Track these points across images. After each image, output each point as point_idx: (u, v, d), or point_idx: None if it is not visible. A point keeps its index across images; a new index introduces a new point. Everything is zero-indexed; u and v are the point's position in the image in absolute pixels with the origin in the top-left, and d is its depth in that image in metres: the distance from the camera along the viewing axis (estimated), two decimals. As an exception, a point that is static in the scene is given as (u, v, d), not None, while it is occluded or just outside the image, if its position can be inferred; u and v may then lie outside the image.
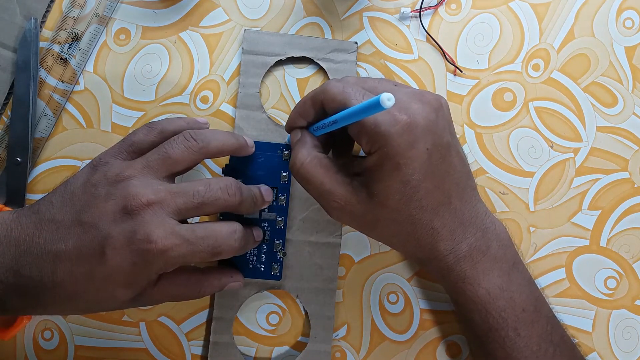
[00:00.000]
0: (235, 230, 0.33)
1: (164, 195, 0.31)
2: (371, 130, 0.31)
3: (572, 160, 0.41)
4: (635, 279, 0.41)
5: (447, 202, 0.33)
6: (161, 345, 0.39)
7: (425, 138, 0.31)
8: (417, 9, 0.41)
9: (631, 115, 0.42)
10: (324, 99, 0.33)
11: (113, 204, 0.31)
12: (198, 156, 0.34)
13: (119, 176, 0.32)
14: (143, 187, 0.31)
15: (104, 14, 0.41)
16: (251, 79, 0.41)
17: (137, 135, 0.34)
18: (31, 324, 0.39)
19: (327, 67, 0.41)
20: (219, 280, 0.36)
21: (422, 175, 0.31)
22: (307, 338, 0.40)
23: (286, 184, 0.38)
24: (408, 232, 0.33)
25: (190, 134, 0.34)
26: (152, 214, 0.31)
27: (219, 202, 0.33)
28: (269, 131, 0.40)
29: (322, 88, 0.33)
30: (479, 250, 0.34)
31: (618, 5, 0.42)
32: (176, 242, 0.31)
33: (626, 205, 0.41)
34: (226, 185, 0.33)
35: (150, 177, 0.32)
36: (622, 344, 0.40)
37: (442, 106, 0.33)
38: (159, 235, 0.30)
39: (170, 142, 0.33)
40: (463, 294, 0.34)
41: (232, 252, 0.33)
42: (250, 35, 0.41)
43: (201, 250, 0.32)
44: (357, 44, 0.41)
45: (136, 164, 0.33)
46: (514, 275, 0.35)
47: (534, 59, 0.42)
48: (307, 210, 0.40)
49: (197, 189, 0.32)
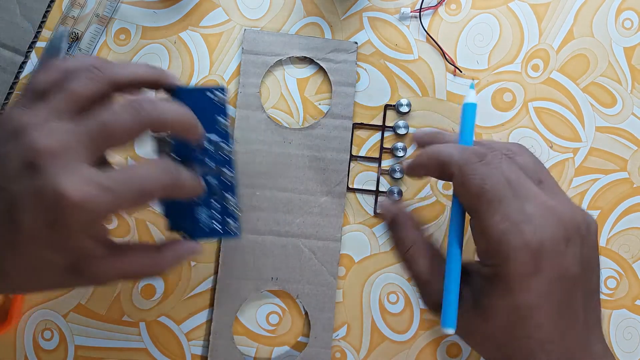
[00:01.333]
0: (158, 163, 0.29)
1: (67, 139, 0.27)
2: (495, 240, 0.28)
3: (571, 160, 0.42)
4: (635, 278, 0.41)
5: (558, 341, 0.29)
6: (161, 345, 0.39)
7: (550, 268, 0.28)
8: (417, 9, 0.42)
9: (630, 116, 0.42)
10: (458, 178, 0.30)
11: (16, 159, 0.27)
12: (105, 86, 0.29)
13: (18, 127, 0.28)
14: (44, 136, 0.27)
15: (104, 14, 0.41)
16: (251, 79, 0.41)
17: (36, 77, 0.30)
18: (31, 324, 0.39)
19: (327, 67, 0.41)
20: (175, 252, 0.32)
21: (536, 307, 0.29)
22: (307, 338, 0.40)
23: (226, 132, 0.34)
24: (504, 353, 0.30)
25: (94, 65, 0.29)
26: (60, 163, 0.27)
27: (126, 122, 0.28)
28: (269, 131, 0.40)
29: (462, 164, 0.30)
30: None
31: (617, 5, 0.42)
32: (92, 192, 0.27)
33: (625, 205, 0.41)
34: (132, 103, 0.29)
35: (53, 121, 0.28)
36: (622, 344, 0.40)
37: (577, 235, 0.29)
38: (71, 186, 0.26)
39: (71, 78, 0.29)
40: None
41: (162, 188, 0.29)
42: (250, 35, 0.41)
43: (125, 194, 0.28)
44: (357, 44, 0.41)
45: (36, 109, 0.28)
46: None
47: (533, 59, 0.42)
48: (306, 210, 0.40)
49: (102, 116, 0.28)
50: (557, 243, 0.28)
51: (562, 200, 0.30)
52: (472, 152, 0.30)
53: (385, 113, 0.41)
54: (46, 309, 0.39)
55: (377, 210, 0.39)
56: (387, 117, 0.41)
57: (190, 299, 0.40)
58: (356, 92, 0.41)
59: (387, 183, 0.41)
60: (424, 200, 0.41)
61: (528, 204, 0.29)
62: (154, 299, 0.40)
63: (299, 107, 0.41)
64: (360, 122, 0.41)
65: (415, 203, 0.41)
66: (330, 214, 0.40)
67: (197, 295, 0.40)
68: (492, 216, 0.29)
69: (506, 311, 0.29)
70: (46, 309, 0.39)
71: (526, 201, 0.29)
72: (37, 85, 0.29)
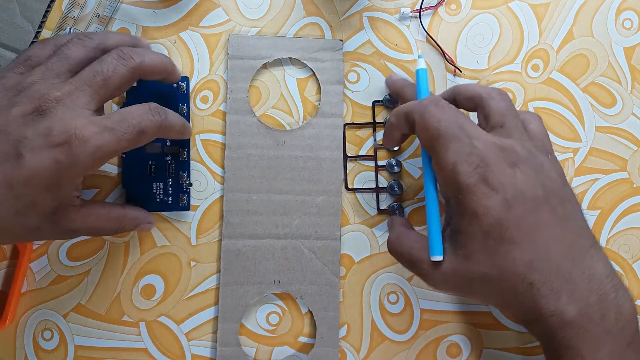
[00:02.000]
0: (150, 106, 0.33)
1: (69, 88, 0.31)
2: (448, 173, 0.32)
3: (571, 160, 0.42)
4: (635, 278, 0.41)
5: (544, 258, 0.30)
6: (161, 345, 0.39)
7: (504, 190, 0.31)
8: (417, 9, 0.42)
9: (630, 116, 0.42)
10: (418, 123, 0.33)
11: (19, 108, 0.30)
12: (95, 52, 0.33)
13: (19, 85, 0.31)
14: (48, 87, 0.30)
15: (104, 14, 0.41)
16: (239, 83, 0.41)
17: (32, 49, 0.34)
18: (31, 324, 0.39)
19: (314, 66, 0.41)
20: (137, 219, 0.37)
21: (505, 227, 0.30)
22: (307, 338, 0.40)
23: (185, 116, 0.40)
24: (505, 288, 0.31)
25: (85, 35, 0.34)
26: (65, 108, 0.30)
27: (120, 70, 0.32)
28: (260, 135, 0.40)
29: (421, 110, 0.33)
30: (590, 319, 0.29)
31: (617, 5, 0.42)
32: (96, 131, 0.30)
33: (625, 205, 0.41)
34: (118, 54, 0.33)
35: (53, 78, 0.31)
36: (621, 344, 0.40)
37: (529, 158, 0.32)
38: (77, 126, 0.29)
39: (67, 45, 0.33)
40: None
41: (156, 126, 0.33)
42: (235, 40, 0.41)
43: (124, 131, 0.31)
44: (342, 42, 0.41)
45: (36, 71, 0.32)
46: (629, 356, 0.30)
47: (533, 59, 0.42)
48: (304, 211, 0.40)
49: (95, 68, 0.32)
50: (502, 165, 0.31)
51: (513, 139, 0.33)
52: (428, 100, 0.34)
53: (374, 109, 0.41)
54: (46, 309, 0.39)
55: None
56: (376, 113, 0.41)
57: (190, 299, 0.40)
58: (356, 92, 0.41)
59: (385, 180, 0.41)
60: (423, 200, 0.41)
61: (475, 140, 0.32)
62: (154, 299, 0.40)
63: (299, 107, 0.41)
64: (351, 122, 0.41)
65: (416, 203, 0.41)
66: (328, 213, 0.40)
67: (197, 295, 0.40)
68: (446, 152, 0.32)
69: (480, 238, 0.31)
70: (46, 309, 0.39)
71: (474, 139, 0.32)
72: (33, 56, 0.33)
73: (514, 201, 0.31)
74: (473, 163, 0.31)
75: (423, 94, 0.36)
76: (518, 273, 0.30)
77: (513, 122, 0.34)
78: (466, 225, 0.31)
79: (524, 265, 0.30)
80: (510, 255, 0.30)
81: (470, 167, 0.31)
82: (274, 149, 0.40)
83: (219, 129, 0.41)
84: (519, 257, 0.30)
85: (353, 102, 0.41)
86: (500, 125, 0.34)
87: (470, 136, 0.32)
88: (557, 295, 0.30)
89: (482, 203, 0.30)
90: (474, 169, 0.31)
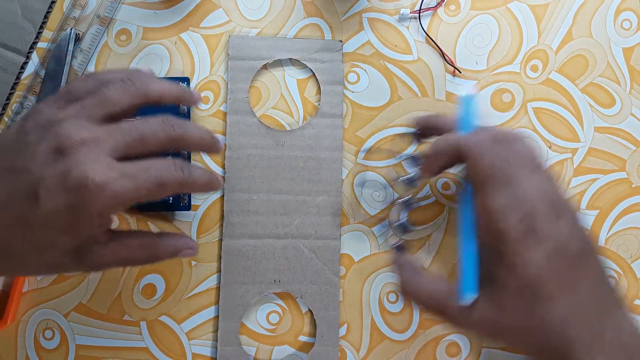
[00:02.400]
0: (175, 162, 0.31)
1: (99, 133, 0.29)
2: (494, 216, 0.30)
3: (570, 160, 0.42)
4: (633, 278, 0.41)
5: (579, 313, 0.30)
6: (162, 344, 0.40)
7: (547, 243, 0.30)
8: (417, 10, 0.42)
9: (629, 116, 0.42)
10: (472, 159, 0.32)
11: (45, 145, 0.29)
12: (137, 99, 0.32)
13: (50, 120, 0.30)
14: (76, 127, 0.29)
15: (105, 15, 0.41)
16: (239, 84, 0.41)
17: (73, 84, 0.33)
18: (32, 323, 0.39)
19: (314, 67, 0.41)
20: (174, 246, 0.34)
21: (543, 282, 0.29)
22: (307, 337, 0.40)
23: (185, 116, 0.40)
24: (538, 342, 0.30)
25: (129, 77, 0.32)
26: (87, 152, 0.29)
27: (159, 135, 0.31)
28: (260, 135, 0.40)
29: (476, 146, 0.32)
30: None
31: (616, 6, 0.42)
32: (114, 176, 0.28)
33: (624, 205, 0.42)
34: (164, 120, 0.31)
35: (85, 119, 0.30)
36: (620, 343, 0.41)
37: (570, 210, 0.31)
38: (95, 171, 0.28)
39: (107, 85, 0.32)
40: None
41: (177, 182, 0.31)
42: (235, 41, 0.41)
43: (144, 181, 0.29)
44: (341, 43, 0.41)
45: (70, 108, 0.31)
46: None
47: (532, 60, 0.42)
48: (304, 211, 0.40)
49: (134, 123, 0.31)
50: (549, 216, 0.30)
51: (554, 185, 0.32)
52: (486, 133, 0.33)
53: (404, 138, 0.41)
54: (47, 308, 0.39)
55: None
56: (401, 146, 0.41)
57: (191, 298, 0.40)
58: (355, 92, 0.42)
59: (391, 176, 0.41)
60: (423, 200, 0.41)
61: (526, 185, 0.31)
62: (155, 298, 0.40)
63: (299, 108, 0.41)
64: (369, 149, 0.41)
65: (415, 203, 0.41)
66: (328, 213, 0.40)
67: (198, 294, 0.40)
68: (494, 196, 0.30)
69: (516, 290, 0.30)
70: (47, 308, 0.39)
71: (527, 182, 0.31)
72: (72, 90, 0.32)
73: (555, 255, 0.30)
74: (521, 212, 0.30)
75: (470, 124, 0.35)
76: (553, 329, 0.30)
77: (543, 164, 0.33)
78: (503, 275, 0.30)
79: (561, 321, 0.30)
80: (546, 311, 0.30)
81: (517, 216, 0.30)
82: (274, 149, 0.40)
83: (219, 130, 0.41)
84: (555, 313, 0.30)
85: (353, 103, 0.42)
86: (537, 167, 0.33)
87: (523, 179, 0.31)
88: (589, 349, 0.29)
89: (524, 256, 0.29)
90: (521, 219, 0.30)
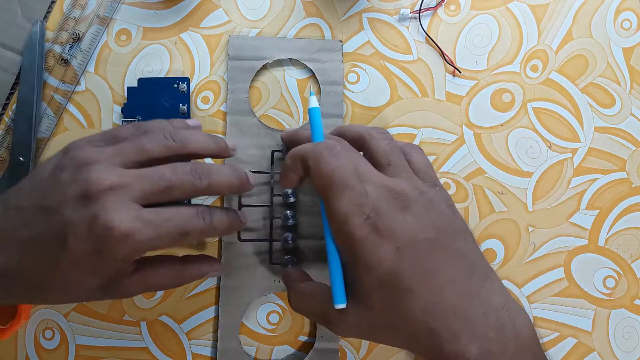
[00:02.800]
0: (198, 210, 0.32)
1: (127, 179, 0.30)
2: (340, 222, 0.31)
3: (570, 160, 0.42)
4: (634, 278, 0.41)
5: (441, 301, 0.30)
6: (162, 344, 0.40)
7: (396, 238, 0.30)
8: (417, 10, 0.42)
9: (629, 116, 0.42)
10: (313, 169, 0.33)
11: (75, 188, 0.30)
12: (173, 152, 0.33)
13: (85, 160, 0.31)
14: (106, 172, 0.30)
15: (105, 15, 0.41)
16: (239, 84, 0.41)
17: (121, 130, 0.33)
18: (32, 323, 0.39)
19: (314, 67, 0.41)
20: (199, 270, 0.35)
21: (399, 276, 0.30)
22: (306, 337, 0.40)
23: (185, 116, 0.40)
24: (408, 335, 0.31)
25: (170, 133, 0.33)
26: (115, 199, 0.29)
27: (186, 186, 0.32)
28: (260, 135, 0.40)
29: (315, 157, 0.33)
30: (492, 355, 0.30)
31: (616, 6, 0.42)
32: (139, 225, 0.29)
33: (624, 205, 0.42)
34: (192, 169, 0.32)
35: (118, 164, 0.31)
36: (622, 344, 0.41)
37: (419, 197, 0.32)
38: (121, 220, 0.29)
39: (148, 135, 0.33)
40: None
41: (199, 231, 0.32)
42: (235, 41, 0.41)
43: (167, 231, 0.30)
44: (342, 43, 0.41)
45: (107, 150, 0.32)
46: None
47: (532, 60, 0.42)
48: (304, 211, 0.40)
49: (163, 172, 0.31)
50: (393, 212, 0.31)
51: (402, 179, 0.33)
52: (323, 146, 0.33)
53: (273, 157, 0.40)
54: (47, 309, 0.39)
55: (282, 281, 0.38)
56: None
57: (191, 298, 0.40)
58: (355, 92, 0.42)
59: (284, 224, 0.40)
60: (423, 200, 0.41)
61: (368, 186, 0.31)
62: (155, 298, 0.40)
63: (299, 108, 0.41)
64: (252, 170, 0.39)
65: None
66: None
67: (198, 294, 0.40)
68: (338, 202, 0.31)
69: (376, 288, 0.30)
70: (47, 309, 0.39)
71: (367, 183, 0.32)
72: (114, 133, 0.33)
73: (406, 248, 0.30)
74: (364, 214, 0.31)
75: (317, 135, 0.35)
76: (418, 321, 0.30)
77: (397, 159, 0.34)
78: (362, 277, 0.31)
79: (422, 312, 0.30)
80: (407, 304, 0.30)
81: (361, 218, 0.31)
82: (274, 149, 0.40)
83: (219, 130, 0.41)
84: (416, 305, 0.30)
85: (353, 103, 0.42)
86: (387, 164, 0.34)
87: (363, 180, 0.32)
88: (457, 337, 0.30)
89: (375, 255, 0.30)
90: (365, 219, 0.30)
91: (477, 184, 0.41)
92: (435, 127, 0.41)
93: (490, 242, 0.41)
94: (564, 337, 0.40)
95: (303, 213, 0.40)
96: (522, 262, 0.41)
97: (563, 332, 0.40)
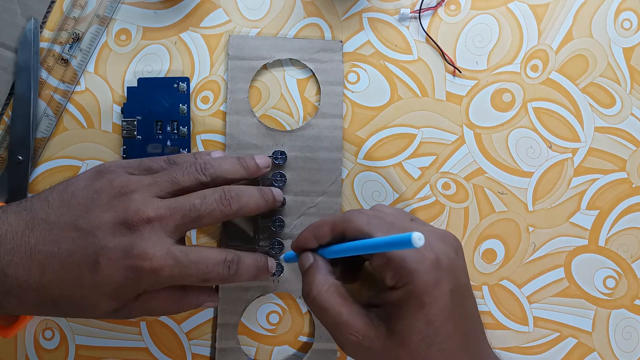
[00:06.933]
0: (225, 259, 0.33)
1: (163, 212, 0.32)
2: (398, 264, 0.30)
3: (570, 160, 0.42)
4: (634, 278, 0.41)
5: (465, 347, 0.31)
6: (162, 344, 0.40)
7: (448, 278, 0.30)
8: (417, 10, 0.42)
9: (629, 116, 0.42)
10: (347, 228, 0.32)
11: (113, 215, 0.31)
12: (202, 185, 0.34)
13: (124, 188, 0.32)
14: (145, 204, 0.32)
15: (104, 15, 0.41)
16: (239, 84, 0.41)
17: (155, 162, 0.35)
18: (32, 323, 0.39)
19: (314, 67, 0.41)
20: (197, 299, 0.35)
21: (445, 317, 0.30)
22: (307, 337, 0.40)
23: (185, 116, 0.40)
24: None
25: (201, 165, 0.34)
26: (151, 231, 0.31)
27: (215, 214, 0.33)
28: (260, 135, 0.40)
29: (345, 217, 0.32)
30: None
31: (616, 6, 0.42)
32: (169, 263, 0.31)
33: (624, 205, 0.41)
34: (221, 196, 0.33)
35: (154, 194, 0.33)
36: (622, 344, 0.41)
37: (460, 247, 0.33)
38: (155, 254, 0.31)
39: (181, 170, 0.34)
40: None
41: (220, 279, 0.33)
42: (235, 41, 0.41)
43: (191, 274, 0.32)
44: (342, 42, 0.41)
45: (144, 179, 0.33)
46: None
47: (532, 60, 0.42)
48: (303, 211, 0.40)
49: (193, 202, 0.33)
50: (449, 253, 0.31)
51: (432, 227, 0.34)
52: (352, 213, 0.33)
53: None
54: (47, 309, 0.39)
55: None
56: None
57: (190, 298, 0.40)
58: (355, 92, 0.42)
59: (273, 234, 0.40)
60: (423, 200, 0.41)
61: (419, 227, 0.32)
62: (155, 298, 0.40)
63: (299, 108, 0.41)
64: None
65: (415, 203, 0.41)
66: (327, 214, 0.40)
67: (198, 294, 0.40)
68: None
69: (421, 328, 0.30)
70: (47, 309, 0.39)
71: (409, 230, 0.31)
72: (149, 164, 0.35)
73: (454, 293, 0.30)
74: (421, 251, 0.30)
75: None
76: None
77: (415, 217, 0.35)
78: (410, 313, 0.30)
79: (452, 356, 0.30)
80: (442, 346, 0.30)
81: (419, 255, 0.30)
82: (274, 149, 0.40)
83: (219, 129, 0.41)
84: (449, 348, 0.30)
85: (353, 103, 0.41)
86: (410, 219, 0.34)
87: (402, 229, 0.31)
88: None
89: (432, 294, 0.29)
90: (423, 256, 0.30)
91: (477, 184, 0.41)
92: (435, 127, 0.41)
93: (490, 242, 0.41)
94: (564, 337, 0.40)
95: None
96: (522, 262, 0.41)
97: (563, 332, 0.40)
